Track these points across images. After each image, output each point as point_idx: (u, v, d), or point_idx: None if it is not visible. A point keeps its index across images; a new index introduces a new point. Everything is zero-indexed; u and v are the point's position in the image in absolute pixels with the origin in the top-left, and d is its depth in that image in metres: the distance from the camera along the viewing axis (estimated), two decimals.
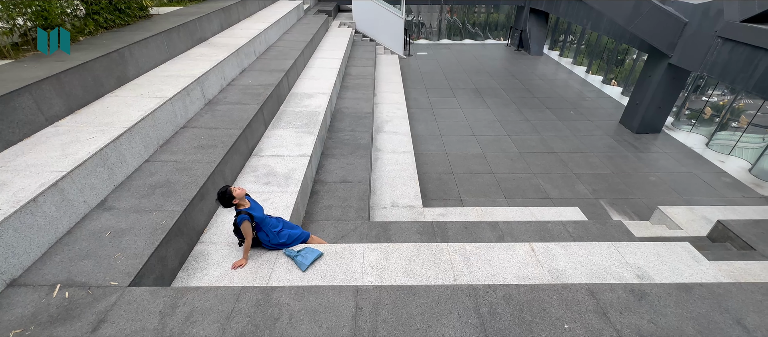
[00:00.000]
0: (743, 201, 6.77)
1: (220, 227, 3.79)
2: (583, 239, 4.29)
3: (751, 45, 6.60)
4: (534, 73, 14.43)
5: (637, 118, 9.50)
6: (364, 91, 8.86)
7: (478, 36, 20.58)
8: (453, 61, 15.90)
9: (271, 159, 5.01)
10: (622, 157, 8.39)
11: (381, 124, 8.24)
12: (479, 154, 8.37)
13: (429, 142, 8.91)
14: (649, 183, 7.46)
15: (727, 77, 7.14)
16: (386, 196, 5.77)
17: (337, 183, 5.32)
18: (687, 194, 7.13)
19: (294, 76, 7.80)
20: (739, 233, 4.52)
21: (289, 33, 10.12)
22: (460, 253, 3.39)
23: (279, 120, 6.15)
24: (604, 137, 9.34)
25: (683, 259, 3.37)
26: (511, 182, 7.34)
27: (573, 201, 6.74)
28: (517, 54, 17.29)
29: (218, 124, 4.92)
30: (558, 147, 8.77)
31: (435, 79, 13.41)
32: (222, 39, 7.43)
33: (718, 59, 7.27)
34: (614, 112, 10.84)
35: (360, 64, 10.92)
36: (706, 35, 7.48)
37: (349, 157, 5.98)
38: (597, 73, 14.41)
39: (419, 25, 20.74)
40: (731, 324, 2.36)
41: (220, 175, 4.15)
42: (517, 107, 11.06)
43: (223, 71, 6.17)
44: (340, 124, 7.14)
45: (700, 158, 8.49)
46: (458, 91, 12.28)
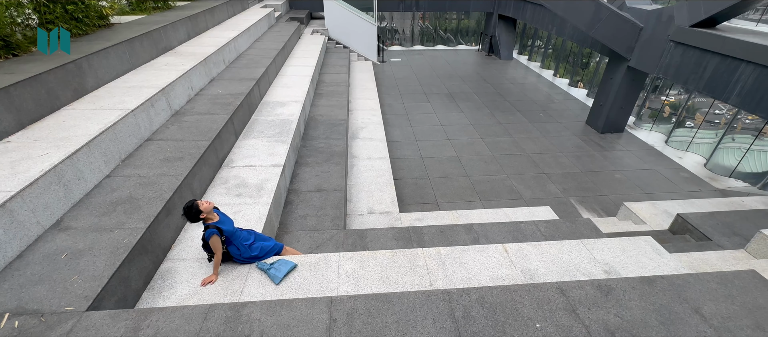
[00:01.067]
0: (700, 194, 7.20)
1: (188, 242, 3.64)
2: (554, 237, 4.41)
3: (700, 48, 7.06)
4: (504, 77, 14.86)
5: (602, 119, 9.94)
6: (338, 98, 8.82)
7: (450, 42, 21.02)
8: (426, 67, 16.14)
9: (242, 170, 4.88)
10: (590, 157, 8.74)
11: (356, 131, 8.22)
12: (454, 158, 8.49)
13: (405, 147, 8.97)
14: (614, 180, 7.80)
15: (680, 78, 7.60)
16: (362, 203, 5.75)
17: (312, 192, 5.25)
18: (650, 189, 7.50)
19: (266, 85, 7.67)
20: (697, 225, 4.79)
21: (260, 41, 9.96)
22: (435, 257, 3.41)
23: (250, 130, 6.02)
24: (572, 138, 9.70)
25: (647, 253, 3.52)
26: (486, 184, 7.48)
27: (545, 201, 6.95)
28: (487, 59, 17.76)
29: (185, 135, 4.76)
30: (529, 148, 9.04)
31: (409, 85, 13.56)
32: (189, 48, 7.22)
33: (672, 62, 7.73)
34: (581, 114, 11.30)
35: (334, 71, 10.88)
36: (660, 39, 7.95)
37: (324, 165, 5.92)
38: (564, 76, 15.01)
39: (392, 32, 20.97)
40: (690, 313, 2.48)
41: (188, 188, 4.00)
42: (489, 111, 11.33)
43: (191, 81, 5.98)
44: (315, 132, 7.07)
45: (661, 155, 8.97)
46: (432, 96, 12.46)
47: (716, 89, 6.83)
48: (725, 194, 7.13)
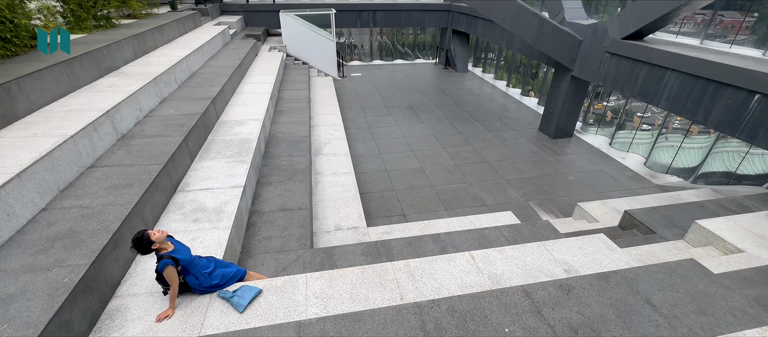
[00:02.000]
0: (643, 191, 7.82)
1: (140, 275, 3.37)
2: (517, 241, 4.58)
3: (631, 58, 7.77)
4: (462, 89, 15.44)
5: (553, 125, 10.58)
6: (300, 114, 8.70)
7: (408, 56, 21.56)
8: (386, 81, 16.41)
9: (199, 193, 4.64)
10: (544, 161, 9.24)
11: (319, 147, 8.13)
12: (418, 169, 8.63)
13: (369, 161, 8.98)
14: (568, 182, 8.29)
15: (617, 86, 8.30)
16: (329, 219, 5.65)
17: (276, 212, 5.08)
18: (599, 189, 8.04)
19: (222, 104, 7.41)
20: (642, 220, 5.18)
21: (214, 59, 9.64)
22: (404, 270, 3.40)
23: (207, 151, 5.75)
24: (527, 144, 10.22)
25: (601, 249, 3.75)
26: (450, 194, 7.65)
27: (506, 206, 7.22)
28: (445, 71, 18.40)
29: (134, 160, 4.45)
30: (489, 156, 9.40)
31: (370, 99, 13.68)
32: (136, 68, 6.82)
33: (609, 71, 8.44)
34: (533, 121, 11.96)
35: (294, 88, 10.74)
36: (597, 51, 8.66)
37: (288, 184, 5.77)
38: (516, 86, 15.88)
39: (352, 47, 21.16)
40: (642, 304, 2.65)
41: (139, 217, 3.72)
42: (449, 122, 11.69)
43: (139, 102, 5.64)
44: (276, 149, 6.89)
45: (606, 156, 9.67)
46: (394, 110, 12.65)
47: (648, 94, 7.52)
48: (664, 190, 7.80)
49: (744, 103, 5.75)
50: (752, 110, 5.64)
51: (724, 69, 5.93)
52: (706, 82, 6.27)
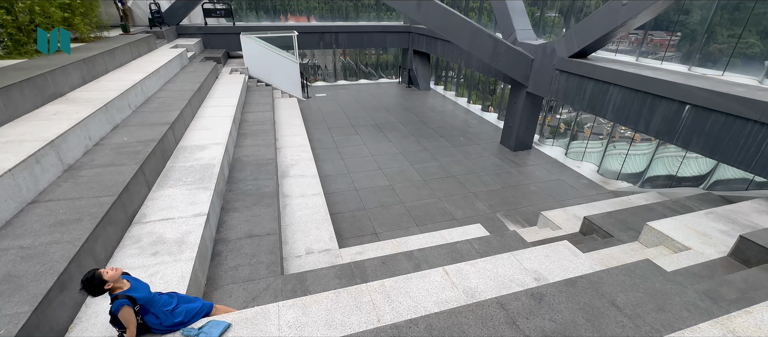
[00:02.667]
0: (598, 197, 8.32)
1: (92, 318, 3.07)
2: (488, 253, 4.68)
3: (578, 75, 8.40)
4: (425, 106, 15.86)
5: (513, 138, 11.10)
6: (265, 136, 8.51)
7: (372, 75, 21.93)
8: (352, 100, 16.52)
9: (158, 224, 4.35)
10: (507, 173, 9.62)
11: (286, 169, 7.96)
12: (387, 187, 8.66)
13: (338, 181, 8.90)
14: (531, 192, 8.66)
15: (568, 100, 8.90)
16: (299, 243, 5.49)
17: (243, 239, 4.87)
18: (560, 197, 8.46)
19: (182, 128, 7.09)
20: (600, 225, 5.50)
21: (172, 82, 9.27)
22: (380, 291, 3.36)
23: (166, 178, 5.44)
24: (490, 157, 10.62)
25: (566, 256, 3.92)
26: (420, 209, 7.72)
27: (475, 218, 7.39)
28: (408, 90, 18.86)
29: (83, 193, 4.11)
30: (455, 171, 9.64)
31: (336, 119, 13.69)
32: (85, 93, 6.40)
33: (559, 87, 9.04)
34: (495, 135, 12.48)
35: (257, 110, 10.53)
36: (548, 68, 9.29)
37: (254, 209, 5.57)
38: (476, 102, 16.56)
39: (315, 68, 21.21)
40: (608, 306, 2.79)
41: (89, 254, 3.42)
42: (415, 138, 11.91)
43: (88, 130, 5.27)
44: (241, 174, 6.66)
45: (563, 166, 10.24)
46: (360, 129, 12.71)
47: (595, 107, 8.12)
48: (616, 195, 8.35)
49: (677, 113, 6.35)
50: (685, 119, 6.25)
51: (658, 83, 6.55)
52: (644, 95, 6.89)
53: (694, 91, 5.98)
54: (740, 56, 7.11)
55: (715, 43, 7.59)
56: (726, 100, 5.56)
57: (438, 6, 10.27)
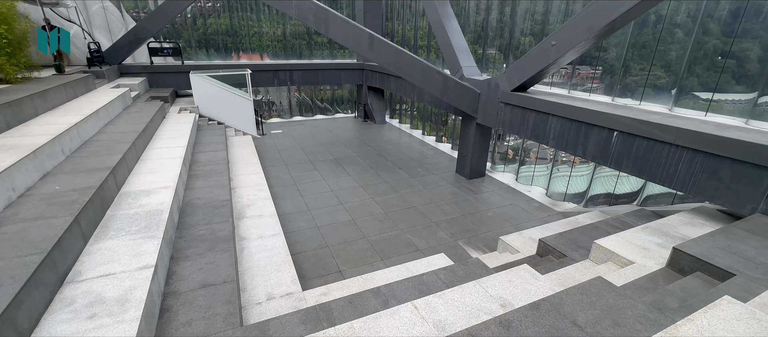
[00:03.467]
0: (550, 219, 8.84)
1: None
2: (454, 282, 4.73)
3: (520, 106, 9.13)
4: (382, 139, 16.20)
5: (467, 167, 11.61)
6: (218, 177, 8.13)
7: (327, 111, 22.12)
8: (308, 136, 16.45)
9: (96, 282, 3.90)
10: (465, 201, 9.96)
11: (242, 210, 7.60)
12: (350, 221, 8.56)
13: (298, 219, 8.65)
14: (488, 218, 9.00)
15: (514, 130, 9.58)
16: (259, 289, 5.18)
17: (197, 290, 4.50)
18: (515, 221, 8.87)
19: (125, 173, 6.57)
20: (555, 246, 5.82)
21: (113, 124, 8.65)
22: (349, 334, 3.23)
23: (106, 229, 4.95)
24: (448, 186, 10.96)
25: (527, 279, 4.07)
26: (384, 243, 7.68)
27: (438, 248, 7.48)
28: (364, 124, 19.21)
29: (4, 252, 3.61)
30: (415, 201, 9.80)
31: (294, 155, 13.49)
32: (10, 140, 5.76)
33: (505, 118, 9.74)
34: (450, 164, 12.97)
35: (210, 149, 10.09)
36: (494, 101, 10.00)
37: (208, 255, 5.20)
38: (430, 133, 17.24)
39: (269, 104, 20.98)
40: (571, 326, 2.91)
41: (10, 325, 2.96)
42: (374, 171, 12.02)
43: (12, 180, 4.70)
44: (193, 218, 6.24)
45: (515, 191, 10.83)
46: (319, 164, 12.61)
47: (538, 136, 8.81)
48: (565, 215, 8.93)
49: (608, 139, 7.08)
50: (615, 144, 6.97)
51: (589, 113, 7.30)
52: (579, 123, 7.62)
53: (620, 120, 6.74)
54: (652, 87, 8.19)
55: (630, 76, 8.68)
56: (646, 126, 6.31)
57: (389, 46, 10.79)
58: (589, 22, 6.93)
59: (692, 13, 7.36)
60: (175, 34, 17.44)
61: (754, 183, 5.19)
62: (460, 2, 13.91)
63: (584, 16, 7.04)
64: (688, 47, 7.39)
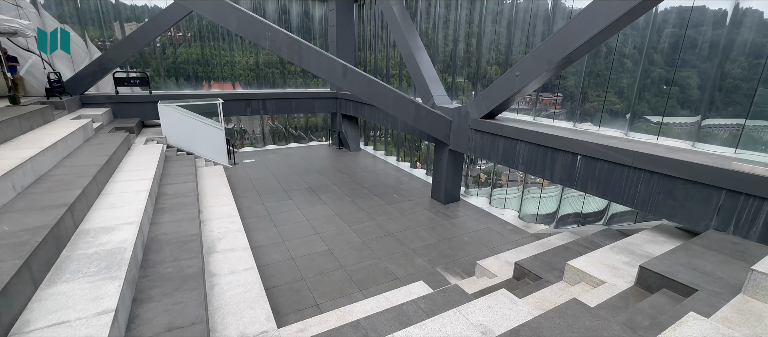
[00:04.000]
0: (523, 241, 9.04)
1: None
2: (434, 311, 4.68)
3: (490, 133, 9.49)
4: (358, 167, 16.22)
5: (442, 192, 11.78)
6: (187, 210, 7.79)
7: (302, 138, 22.00)
8: (282, 165, 16.21)
9: (47, 332, 3.55)
10: (441, 226, 10.03)
11: (213, 244, 7.27)
12: (326, 252, 8.37)
13: (272, 251, 8.36)
14: (465, 243, 9.08)
15: (485, 155, 9.91)
16: (231, 328, 4.90)
17: (162, 334, 4.19)
18: (491, 245, 9.00)
19: (84, 209, 6.17)
20: (530, 269, 5.93)
21: (72, 157, 8.18)
22: None
23: (60, 271, 4.57)
24: (424, 212, 11.03)
25: (506, 304, 4.10)
26: (362, 272, 7.54)
27: (416, 275, 7.43)
28: (339, 152, 19.22)
29: None
30: (392, 228, 9.77)
31: (267, 184, 13.20)
32: None
33: (476, 143, 10.07)
34: (425, 190, 13.12)
35: (178, 181, 9.70)
36: (465, 128, 10.35)
37: (175, 295, 4.89)
38: (405, 159, 17.46)
39: (242, 133, 20.63)
40: None
41: None
42: (350, 199, 11.94)
43: None
44: (159, 255, 5.90)
45: (489, 214, 11.05)
46: (293, 193, 12.38)
47: (508, 161, 9.14)
48: (538, 237, 9.17)
49: (572, 163, 7.45)
50: (579, 167, 7.34)
51: (554, 139, 7.70)
52: (545, 148, 7.99)
53: (582, 144, 7.14)
54: (608, 112, 8.79)
55: (588, 102, 9.28)
56: (606, 150, 6.72)
57: (362, 76, 11.04)
58: (548, 54, 7.44)
59: (638, 45, 8.08)
60: (143, 62, 17.03)
61: (705, 201, 5.60)
62: (429, 34, 14.56)
63: (543, 49, 7.55)
64: (637, 76, 8.05)
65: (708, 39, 7.02)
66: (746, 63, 6.62)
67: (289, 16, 19.66)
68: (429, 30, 14.60)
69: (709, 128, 7.17)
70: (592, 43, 6.86)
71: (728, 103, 6.89)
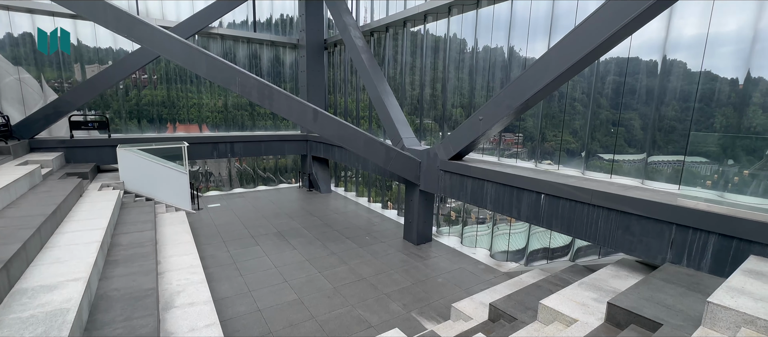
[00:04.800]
0: (496, 281, 9.08)
1: None
2: None
3: (458, 174, 9.78)
4: (328, 209, 15.96)
5: (414, 233, 11.76)
6: (143, 261, 7.24)
7: (271, 181, 21.52)
8: (250, 209, 15.65)
9: None
10: (415, 268, 9.91)
11: (171, 299, 6.72)
12: (296, 301, 7.96)
13: (237, 303, 7.84)
14: (439, 284, 8.98)
15: (454, 195, 10.12)
16: None
17: None
18: (465, 286, 8.95)
19: (22, 266, 5.57)
20: (505, 310, 5.91)
21: (15, 207, 7.49)
22: None
23: None
24: (397, 254, 10.89)
25: None
26: (334, 322, 7.19)
27: (392, 322, 7.18)
28: (309, 194, 18.92)
29: None
30: (365, 272, 9.52)
31: (233, 230, 12.61)
32: None
33: (445, 184, 10.31)
34: (397, 231, 13.05)
35: (134, 230, 9.07)
36: (434, 169, 10.61)
37: None
38: (376, 200, 17.44)
39: (207, 175, 19.90)
40: None
41: None
42: (321, 243, 11.61)
43: None
44: (108, 314, 5.35)
45: (462, 254, 11.09)
46: (261, 238, 11.89)
47: (477, 200, 9.38)
48: (510, 276, 9.25)
49: (537, 201, 7.77)
50: (543, 206, 7.65)
51: (518, 178, 8.05)
52: (511, 188, 8.31)
53: (544, 183, 7.50)
54: (566, 150, 9.37)
55: (547, 142, 9.88)
56: (567, 188, 7.08)
57: (333, 120, 11.20)
58: (508, 100, 7.96)
59: (586, 90, 8.86)
60: (103, 104, 16.36)
61: (659, 236, 5.96)
62: (396, 79, 15.22)
63: (503, 96, 8.09)
64: (588, 118, 8.75)
65: (644, 86, 7.84)
66: (678, 106, 7.42)
67: (260, 61, 19.94)
68: (396, 75, 15.28)
69: (655, 164, 7.81)
70: (546, 91, 7.44)
71: (668, 142, 7.60)
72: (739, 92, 6.59)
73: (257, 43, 19.66)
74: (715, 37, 6.69)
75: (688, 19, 7.06)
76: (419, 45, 14.00)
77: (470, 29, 11.66)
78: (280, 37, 20.00)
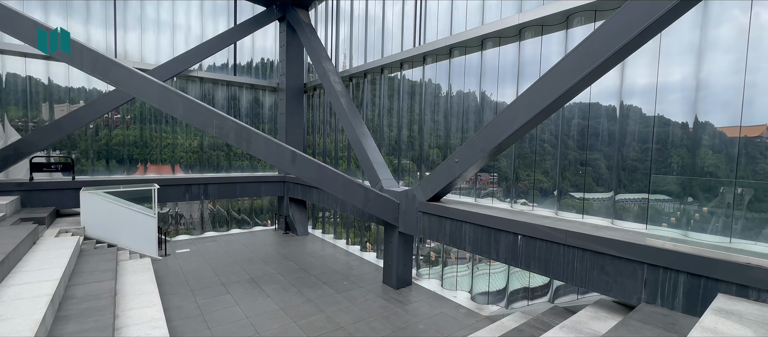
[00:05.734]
0: (478, 325, 8.86)
1: None
2: None
3: (437, 215, 9.81)
4: (305, 252, 15.45)
5: (393, 277, 11.48)
6: (99, 316, 6.65)
7: (245, 223, 20.80)
8: (222, 254, 14.93)
9: None
10: (395, 314, 9.55)
11: None
12: None
13: None
14: (420, 331, 8.65)
15: (433, 237, 10.08)
16: None
17: None
18: (446, 331, 8.66)
19: None
20: None
21: None
22: None
23: None
24: (376, 299, 10.52)
25: None
26: None
27: None
28: (286, 236, 18.35)
29: None
30: (343, 320, 9.08)
31: (202, 278, 11.90)
32: None
33: (424, 225, 10.28)
34: (376, 274, 12.70)
35: (92, 280, 8.41)
36: (413, 211, 10.62)
37: None
38: (354, 242, 17.09)
39: (177, 218, 19.04)
40: None
41: None
42: (297, 289, 11.10)
43: None
44: None
45: (443, 298, 10.84)
46: (232, 286, 11.25)
47: (455, 242, 9.36)
48: (492, 320, 9.07)
49: (514, 242, 7.83)
50: (521, 247, 7.71)
51: (494, 219, 8.15)
52: (489, 229, 8.38)
53: (520, 224, 7.61)
54: (539, 189, 9.64)
55: (520, 181, 10.16)
56: (542, 229, 7.21)
57: (312, 162, 11.17)
58: (482, 144, 8.24)
59: (554, 132, 9.32)
60: (70, 144, 15.71)
61: (632, 275, 6.07)
62: (374, 121, 15.55)
63: (477, 140, 8.37)
64: (557, 158, 9.12)
65: (606, 129, 8.35)
66: (638, 148, 7.90)
67: (239, 102, 20.01)
68: (375, 117, 15.63)
69: (623, 203, 8.12)
70: (517, 135, 7.76)
71: (632, 180, 7.99)
72: (690, 135, 7.12)
73: (237, 86, 19.82)
74: (664, 85, 7.32)
75: (638, 69, 7.72)
76: (396, 89, 14.52)
77: (444, 75, 12.25)
78: (260, 81, 20.27)
